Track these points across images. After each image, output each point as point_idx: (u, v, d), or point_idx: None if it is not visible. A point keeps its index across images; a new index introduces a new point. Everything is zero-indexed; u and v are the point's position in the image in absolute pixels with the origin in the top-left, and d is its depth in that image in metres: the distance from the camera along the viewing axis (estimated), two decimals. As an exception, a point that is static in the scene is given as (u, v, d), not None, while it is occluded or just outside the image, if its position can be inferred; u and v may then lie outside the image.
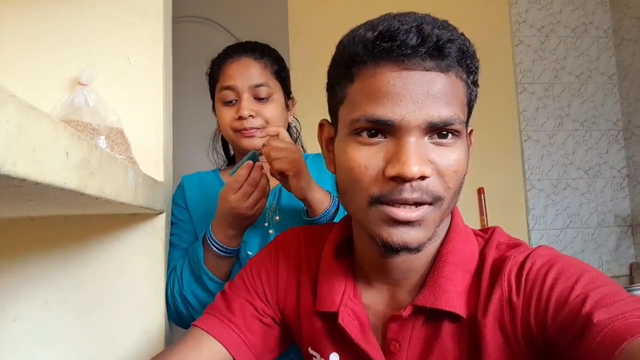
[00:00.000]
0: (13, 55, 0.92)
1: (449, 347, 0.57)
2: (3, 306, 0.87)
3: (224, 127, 1.02)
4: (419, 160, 0.52)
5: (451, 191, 0.55)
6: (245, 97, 0.98)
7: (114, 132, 0.84)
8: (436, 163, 0.53)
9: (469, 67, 0.55)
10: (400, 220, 0.53)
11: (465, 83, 0.55)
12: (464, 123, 0.55)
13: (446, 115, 0.52)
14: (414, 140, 0.52)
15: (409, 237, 0.54)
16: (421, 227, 0.54)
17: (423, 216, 0.54)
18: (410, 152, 0.52)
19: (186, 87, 1.98)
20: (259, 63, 1.01)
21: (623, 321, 0.45)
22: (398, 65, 0.52)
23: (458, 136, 0.55)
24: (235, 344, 0.68)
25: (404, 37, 0.51)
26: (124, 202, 0.59)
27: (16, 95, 0.30)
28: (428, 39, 0.51)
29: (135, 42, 0.95)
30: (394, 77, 0.52)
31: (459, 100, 0.54)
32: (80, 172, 0.42)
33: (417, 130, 0.52)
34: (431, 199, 0.53)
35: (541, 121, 2.51)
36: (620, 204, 2.51)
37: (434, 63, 0.52)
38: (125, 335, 0.88)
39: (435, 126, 0.52)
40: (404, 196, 0.52)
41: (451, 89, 0.53)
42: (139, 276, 0.90)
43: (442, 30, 0.52)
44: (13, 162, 0.30)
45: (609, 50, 2.59)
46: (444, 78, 0.53)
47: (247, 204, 0.87)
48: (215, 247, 0.91)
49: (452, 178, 0.54)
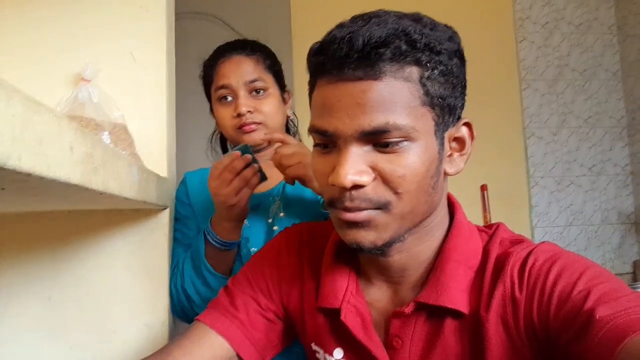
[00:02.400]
0: (17, 51, 0.92)
1: (452, 344, 0.57)
2: (7, 301, 0.87)
3: (223, 127, 1.02)
4: (353, 169, 0.52)
5: (405, 196, 0.54)
6: (241, 94, 0.98)
7: (117, 127, 0.84)
8: (379, 169, 0.53)
9: (422, 64, 0.52)
10: (348, 222, 0.55)
11: (417, 82, 0.52)
12: (412, 128, 0.52)
13: (377, 123, 0.51)
14: (353, 149, 0.53)
15: (360, 237, 0.55)
16: (371, 229, 0.55)
17: (368, 218, 0.54)
18: (344, 162, 0.53)
19: (189, 83, 1.98)
20: (251, 59, 1.01)
21: (625, 317, 0.44)
22: (333, 77, 0.53)
23: (409, 141, 0.53)
24: (239, 339, 0.68)
25: (334, 48, 0.52)
26: (127, 198, 0.59)
27: (21, 90, 0.31)
28: (354, 47, 0.50)
29: (139, 38, 0.95)
30: (329, 90, 0.53)
31: (402, 104, 0.52)
32: (84, 167, 0.42)
33: (351, 139, 0.53)
34: (372, 205, 0.54)
35: (545, 118, 2.51)
36: (623, 201, 2.51)
37: (363, 72, 0.51)
38: (129, 330, 0.88)
39: (369, 135, 0.52)
40: (345, 204, 0.54)
41: (387, 95, 0.51)
42: (142, 271, 0.90)
43: (377, 32, 0.50)
44: (18, 156, 0.30)
45: (613, 47, 2.57)
46: (377, 85, 0.51)
47: (226, 190, 0.86)
48: (213, 240, 0.92)
49: (400, 183, 0.53)
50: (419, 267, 0.61)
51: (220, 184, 0.87)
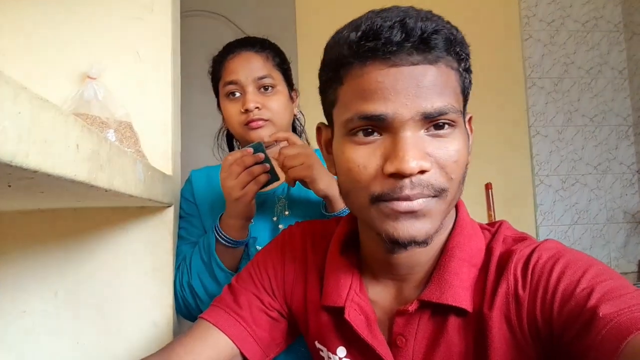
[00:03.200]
0: (23, 49, 0.92)
1: (455, 342, 0.57)
2: (13, 298, 0.88)
3: (230, 122, 1.02)
4: (417, 154, 0.51)
5: (454, 182, 0.54)
6: (249, 90, 0.99)
7: (122, 125, 0.84)
8: (435, 155, 0.53)
9: (459, 55, 0.55)
10: (403, 212, 0.52)
11: (457, 71, 0.55)
12: (460, 112, 0.54)
13: (439, 105, 0.52)
14: (410, 135, 0.52)
15: (415, 230, 0.53)
16: (426, 218, 0.53)
17: (426, 206, 0.53)
18: (407, 146, 0.51)
19: (194, 81, 1.98)
20: (260, 56, 1.01)
21: (629, 315, 0.44)
22: (385, 62, 0.52)
23: (455, 126, 0.54)
24: (242, 337, 0.69)
25: (388, 34, 0.51)
26: (133, 195, 0.60)
27: (27, 88, 0.31)
28: (412, 32, 0.51)
29: (144, 36, 0.95)
30: (382, 75, 0.52)
31: (452, 89, 0.54)
32: (90, 165, 0.42)
33: (411, 123, 0.52)
34: (434, 192, 0.53)
35: (550, 116, 2.50)
36: (629, 200, 2.50)
37: (421, 56, 0.52)
38: (134, 327, 0.89)
39: (429, 117, 0.52)
40: (405, 193, 0.52)
41: (442, 79, 0.52)
42: (147, 268, 0.90)
43: (426, 21, 0.52)
44: (25, 153, 0.30)
45: (619, 45, 2.56)
46: (434, 69, 0.52)
47: (232, 183, 0.87)
48: (220, 237, 0.92)
49: (454, 169, 0.54)
50: (425, 264, 0.62)
51: (228, 176, 0.88)
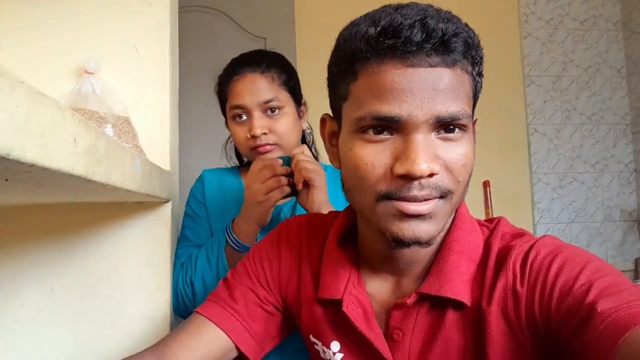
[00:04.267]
0: (21, 44, 0.92)
1: (453, 336, 0.58)
2: (10, 292, 0.88)
3: (238, 145, 1.04)
4: (428, 157, 0.51)
5: (461, 185, 0.55)
6: (255, 115, 0.98)
7: (120, 120, 0.84)
8: (444, 158, 0.53)
9: (474, 59, 0.55)
10: (411, 214, 0.53)
11: (471, 75, 0.55)
12: (470, 117, 0.55)
13: (453, 110, 0.52)
14: (421, 137, 0.52)
15: (420, 231, 0.53)
16: (432, 220, 0.54)
17: (434, 209, 0.53)
18: (418, 149, 0.51)
19: (192, 77, 1.98)
20: (265, 77, 1.00)
21: (627, 310, 0.45)
22: (403, 62, 0.51)
23: (465, 130, 0.54)
24: (237, 331, 0.69)
25: (408, 33, 0.50)
26: (130, 190, 0.60)
27: (25, 81, 0.31)
28: (433, 34, 0.50)
29: (142, 31, 0.95)
30: (399, 74, 0.51)
31: (465, 93, 0.54)
32: (87, 159, 0.42)
33: (424, 126, 0.52)
34: (440, 193, 0.53)
35: (548, 114, 2.50)
36: (626, 198, 2.50)
37: (440, 58, 0.51)
38: (131, 322, 0.89)
39: (442, 121, 0.52)
40: (413, 193, 0.52)
41: (457, 83, 0.52)
42: (144, 264, 0.90)
43: (447, 23, 0.51)
44: (22, 147, 0.30)
45: (618, 43, 2.56)
46: (450, 73, 0.52)
47: (259, 186, 0.90)
48: (231, 240, 0.93)
49: (461, 172, 0.54)
50: (424, 259, 0.62)
51: (256, 180, 0.90)
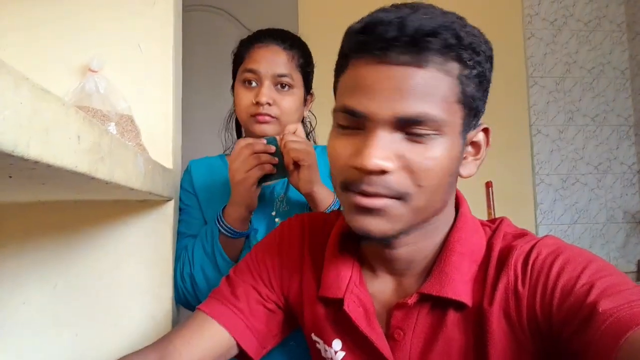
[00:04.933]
0: (25, 42, 0.92)
1: (454, 336, 0.58)
2: (13, 289, 0.88)
3: (239, 109, 1.03)
4: (381, 154, 0.51)
5: (424, 190, 0.53)
6: (266, 84, 0.99)
7: (124, 118, 0.84)
8: (406, 159, 0.52)
9: (463, 61, 0.53)
10: (362, 207, 0.54)
11: (456, 78, 0.52)
12: (444, 121, 0.52)
13: (415, 111, 0.51)
14: (382, 134, 0.52)
15: (371, 226, 0.54)
16: (384, 218, 0.54)
17: (384, 207, 0.53)
18: (372, 145, 0.52)
19: (196, 75, 1.98)
20: (287, 54, 1.01)
21: (628, 310, 0.45)
22: (375, 58, 0.52)
23: (438, 135, 0.53)
24: (239, 329, 0.69)
25: (381, 30, 0.51)
26: (133, 188, 0.60)
27: (29, 78, 0.31)
28: (406, 31, 0.50)
29: (146, 29, 0.95)
30: (369, 71, 0.52)
31: (440, 97, 0.52)
32: (91, 156, 0.42)
33: (386, 124, 0.52)
34: (392, 194, 0.53)
35: (552, 115, 2.50)
36: (629, 200, 2.50)
37: (410, 57, 0.51)
38: (133, 320, 0.89)
39: (403, 122, 0.51)
40: (363, 188, 0.53)
41: (428, 84, 0.51)
42: (147, 262, 0.91)
43: (428, 21, 0.50)
44: (26, 143, 0.30)
45: (622, 45, 2.56)
46: (421, 73, 0.51)
47: (236, 165, 0.89)
48: (222, 227, 0.93)
49: (425, 177, 0.53)
50: (424, 260, 0.62)
51: (236, 158, 0.89)
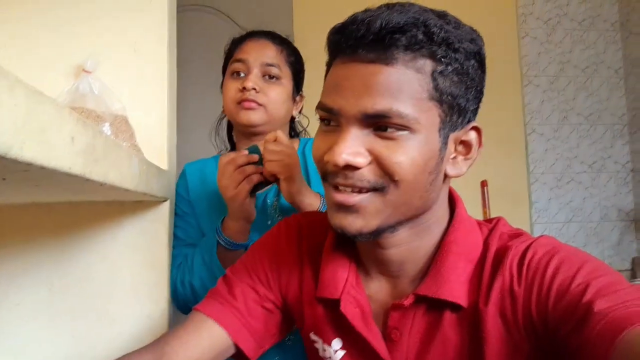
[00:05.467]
0: (18, 43, 0.92)
1: (450, 337, 0.58)
2: (8, 291, 0.88)
3: (226, 99, 1.03)
4: (350, 150, 0.53)
5: (400, 185, 0.54)
6: (254, 72, 1.00)
7: (118, 119, 0.84)
8: (376, 154, 0.54)
9: (437, 57, 0.52)
10: (339, 204, 0.56)
11: (429, 75, 0.52)
12: (414, 118, 0.52)
13: (380, 107, 0.52)
14: (352, 131, 0.54)
15: (346, 223, 0.56)
16: (359, 215, 0.56)
17: (360, 202, 0.55)
18: (341, 141, 0.54)
19: (190, 76, 1.98)
20: (276, 47, 1.03)
21: (623, 310, 0.45)
22: (346, 57, 0.55)
23: (411, 132, 0.53)
24: (237, 329, 0.69)
25: (352, 29, 0.53)
26: (128, 189, 0.59)
27: (23, 80, 0.31)
28: (371, 29, 0.51)
29: (140, 30, 0.95)
30: (340, 69, 0.55)
31: (408, 94, 0.52)
32: (85, 158, 0.42)
33: (354, 120, 0.53)
34: (369, 185, 0.54)
35: (546, 114, 2.50)
36: (623, 198, 2.51)
37: (375, 54, 0.52)
38: (129, 321, 0.89)
39: (371, 118, 0.53)
40: (337, 181, 0.55)
41: (395, 81, 0.51)
42: (142, 262, 0.90)
43: (397, 18, 0.51)
44: (20, 146, 0.30)
45: (616, 44, 2.57)
46: (388, 70, 0.52)
47: (224, 182, 0.89)
48: (222, 240, 0.93)
49: (397, 170, 0.53)
50: (419, 261, 0.62)
51: (222, 175, 0.89)
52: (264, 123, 1.00)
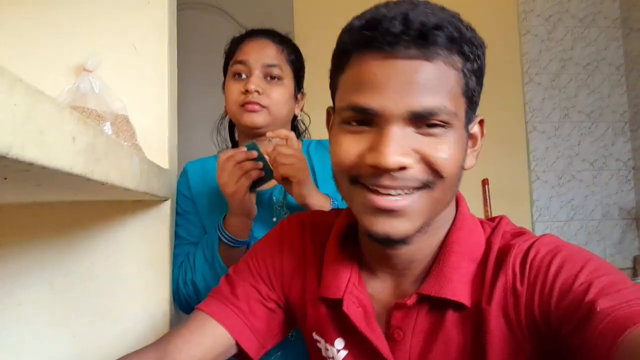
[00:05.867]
0: (19, 42, 0.92)
1: (453, 336, 0.58)
2: (10, 290, 0.88)
3: (228, 101, 1.03)
4: (399, 150, 0.51)
5: (445, 181, 0.54)
6: (256, 73, 0.99)
7: (119, 118, 0.84)
8: (422, 153, 0.53)
9: (466, 55, 0.54)
10: (382, 209, 0.53)
11: (460, 72, 0.53)
12: (454, 114, 0.53)
13: (429, 105, 0.51)
14: (396, 130, 0.52)
15: (391, 228, 0.54)
16: (405, 218, 0.54)
17: (407, 206, 0.53)
18: (389, 142, 0.51)
19: (191, 74, 1.97)
20: (276, 46, 1.03)
21: (626, 309, 0.45)
22: (381, 53, 0.52)
23: (448, 127, 0.53)
24: (239, 328, 0.69)
25: (387, 25, 0.51)
26: (129, 189, 0.59)
27: (23, 80, 0.31)
28: (412, 25, 0.50)
29: (141, 29, 0.94)
30: (376, 66, 0.52)
31: (448, 90, 0.52)
32: (86, 157, 0.42)
33: (399, 119, 0.52)
34: (418, 184, 0.53)
35: (547, 112, 2.50)
36: (625, 196, 2.51)
37: (418, 51, 0.51)
38: (131, 320, 0.89)
39: (418, 116, 0.52)
40: (384, 183, 0.53)
41: (438, 77, 0.52)
42: (144, 261, 0.90)
43: (430, 16, 0.51)
44: (21, 146, 0.30)
45: (617, 41, 2.56)
46: (430, 66, 0.51)
47: (224, 179, 0.89)
48: (223, 236, 0.93)
49: (445, 166, 0.53)
50: (424, 260, 0.62)
51: (222, 172, 0.89)
52: (268, 124, 1.00)
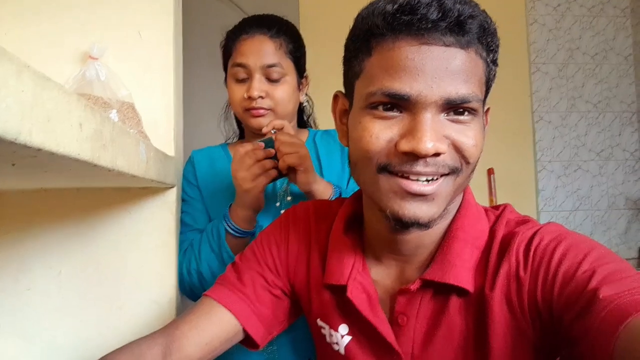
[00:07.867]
0: (25, 29, 0.92)
1: (456, 322, 0.58)
2: (17, 276, 0.89)
3: (234, 105, 1.03)
4: (434, 136, 0.52)
5: (470, 167, 0.56)
6: (256, 77, 0.98)
7: (125, 106, 0.84)
8: (452, 139, 0.54)
9: (489, 45, 0.55)
10: (413, 193, 0.54)
11: (485, 61, 0.55)
12: (481, 102, 0.55)
13: (464, 92, 0.52)
14: (429, 117, 0.52)
15: (421, 212, 0.54)
16: (434, 202, 0.55)
17: (437, 190, 0.54)
18: (425, 128, 0.51)
19: (196, 61, 1.97)
20: (273, 42, 1.00)
21: (629, 297, 0.45)
22: (417, 39, 0.51)
23: (475, 114, 0.54)
24: (245, 314, 0.69)
25: (424, 11, 0.50)
26: (135, 175, 0.60)
27: (31, 66, 0.31)
28: (449, 13, 0.50)
29: (146, 16, 0.94)
30: (412, 52, 0.51)
31: (478, 78, 0.54)
32: (93, 144, 0.42)
33: (433, 106, 0.52)
34: (448, 170, 0.54)
35: (554, 102, 2.48)
36: (631, 187, 2.49)
37: (454, 39, 0.51)
38: (137, 306, 0.90)
39: (452, 103, 0.52)
40: (417, 169, 0.53)
41: (470, 66, 0.52)
42: (150, 248, 0.91)
43: (464, 5, 0.51)
44: (29, 131, 0.30)
45: (625, 30, 2.53)
46: (464, 54, 0.52)
47: (243, 174, 0.89)
48: (229, 226, 0.93)
49: (472, 153, 0.54)
50: (429, 246, 0.62)
51: (240, 168, 0.89)
52: None
